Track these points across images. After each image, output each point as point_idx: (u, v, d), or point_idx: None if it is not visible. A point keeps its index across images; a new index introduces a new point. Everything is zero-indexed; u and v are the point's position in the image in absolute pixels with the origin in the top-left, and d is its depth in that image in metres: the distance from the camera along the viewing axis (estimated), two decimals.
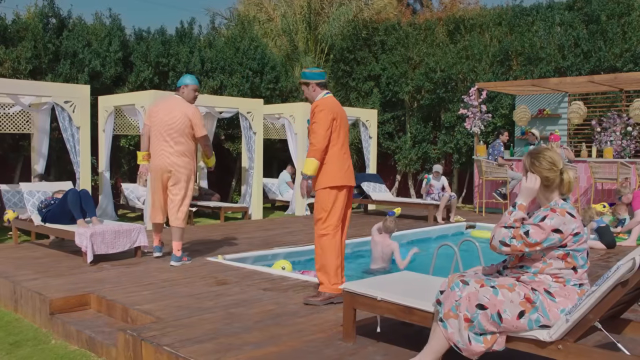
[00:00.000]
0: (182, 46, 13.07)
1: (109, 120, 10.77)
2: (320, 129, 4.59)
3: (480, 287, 2.92)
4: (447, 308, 2.96)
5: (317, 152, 4.56)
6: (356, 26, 16.46)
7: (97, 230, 6.12)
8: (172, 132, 6.10)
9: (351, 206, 4.93)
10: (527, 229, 2.89)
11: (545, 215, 2.88)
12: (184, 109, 6.16)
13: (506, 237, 2.93)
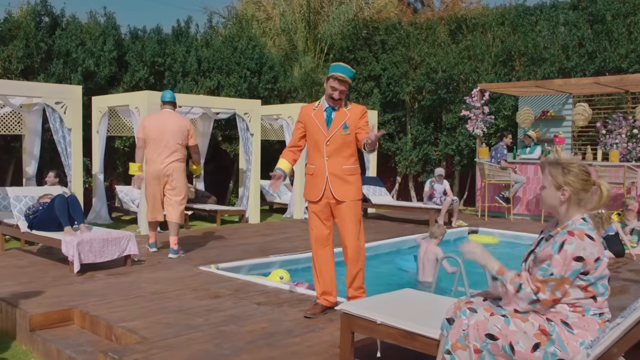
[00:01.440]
0: (179, 45, 12.81)
1: (103, 121, 10.52)
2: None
3: (490, 316, 2.65)
4: (455, 338, 2.69)
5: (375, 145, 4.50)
6: (356, 25, 16.18)
7: (84, 238, 5.86)
8: (170, 141, 6.86)
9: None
10: (547, 270, 2.57)
11: (563, 240, 2.60)
12: (180, 120, 7.03)
13: (529, 296, 2.60)
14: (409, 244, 8.85)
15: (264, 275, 6.56)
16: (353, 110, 4.56)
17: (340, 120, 4.53)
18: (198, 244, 7.96)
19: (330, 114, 4.57)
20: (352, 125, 4.51)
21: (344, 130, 4.49)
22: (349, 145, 4.54)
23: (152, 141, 6.86)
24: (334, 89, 4.46)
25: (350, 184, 4.55)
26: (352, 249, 4.54)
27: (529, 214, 11.60)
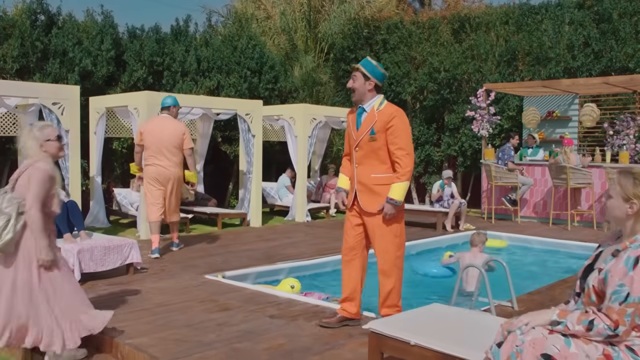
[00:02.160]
0: (178, 45, 12.53)
1: (100, 122, 10.25)
2: (411, 147, 4.08)
3: (549, 334, 2.41)
4: (506, 355, 2.44)
5: (411, 173, 4.11)
6: (357, 24, 15.94)
7: (84, 246, 5.59)
8: (169, 145, 7.14)
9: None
10: (622, 291, 2.32)
11: (637, 255, 2.36)
12: (176, 125, 7.32)
13: (604, 332, 2.34)
14: (416, 248, 8.62)
15: (272, 283, 6.33)
16: (382, 113, 4.14)
17: (369, 123, 4.15)
18: (201, 249, 7.70)
19: (360, 115, 4.25)
20: (380, 130, 4.11)
21: (370, 136, 4.12)
22: (378, 153, 4.14)
23: (150, 146, 7.21)
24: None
25: (378, 195, 4.15)
26: (381, 264, 4.25)
27: (536, 216, 11.38)
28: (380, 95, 4.25)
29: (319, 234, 9.23)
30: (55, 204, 3.84)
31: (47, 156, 3.88)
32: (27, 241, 3.73)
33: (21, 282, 3.70)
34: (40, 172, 3.74)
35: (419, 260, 7.84)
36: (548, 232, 9.82)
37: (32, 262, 3.72)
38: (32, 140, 3.88)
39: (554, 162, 10.40)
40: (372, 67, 4.18)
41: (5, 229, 3.65)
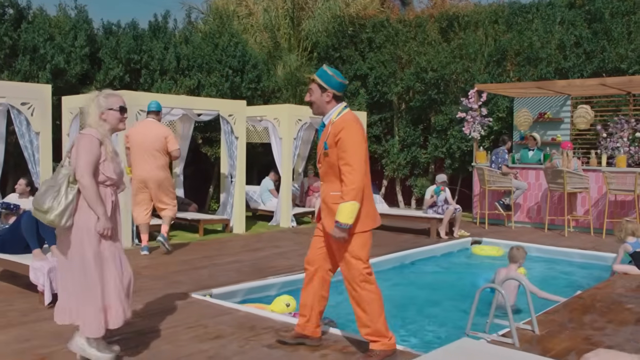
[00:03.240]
0: (156, 42, 11.92)
1: (74, 123, 9.60)
2: (359, 162, 3.66)
3: None
4: None
5: (359, 191, 3.66)
6: (342, 22, 15.47)
7: (56, 264, 5.01)
8: (151, 149, 7.41)
9: None
10: None
11: None
12: (159, 129, 7.61)
13: None
14: (411, 257, 8.19)
15: (263, 300, 5.83)
16: (335, 125, 3.76)
17: (324, 137, 3.83)
18: (184, 262, 7.15)
19: (321, 128, 3.93)
20: (331, 144, 3.74)
21: (324, 151, 3.78)
22: (334, 169, 3.76)
23: (133, 149, 7.53)
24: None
25: (334, 214, 3.75)
26: (346, 286, 3.90)
27: (529, 221, 11.04)
28: (339, 105, 3.86)
29: (308, 243, 8.69)
30: (111, 170, 3.70)
31: (104, 125, 3.73)
32: (83, 212, 3.61)
33: (81, 256, 3.62)
34: (85, 138, 3.62)
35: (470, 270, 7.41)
36: (545, 239, 9.47)
37: (92, 233, 3.60)
38: (95, 106, 3.75)
39: (550, 166, 10.05)
40: (328, 77, 3.81)
41: (56, 200, 3.53)
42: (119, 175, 3.79)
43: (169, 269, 6.66)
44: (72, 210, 3.62)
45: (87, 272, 3.61)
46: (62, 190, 3.58)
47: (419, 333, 5.18)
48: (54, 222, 3.59)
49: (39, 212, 3.63)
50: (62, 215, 3.57)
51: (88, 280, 3.60)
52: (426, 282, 7.21)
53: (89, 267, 3.60)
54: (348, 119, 3.75)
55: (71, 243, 3.64)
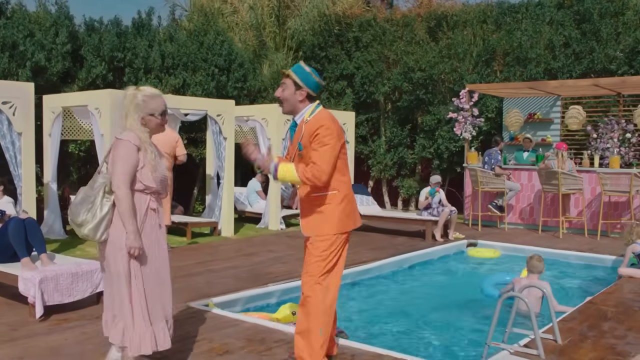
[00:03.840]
0: (140, 39, 11.55)
1: (56, 123, 9.24)
2: (327, 161, 3.44)
3: None
4: None
5: (314, 182, 3.46)
6: (328, 21, 15.25)
7: (48, 274, 4.71)
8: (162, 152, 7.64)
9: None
10: None
11: None
12: (169, 133, 7.86)
13: None
14: (409, 262, 7.99)
15: (264, 308, 5.60)
16: (309, 124, 3.50)
17: (297, 137, 3.59)
18: (178, 268, 6.85)
19: (293, 128, 3.69)
20: (306, 144, 3.51)
21: (299, 152, 3.57)
22: None
23: None
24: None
25: (316, 216, 3.58)
26: (303, 295, 3.60)
27: (522, 223, 10.94)
28: (312, 105, 3.60)
29: (302, 246, 8.48)
30: (149, 178, 3.43)
31: (144, 129, 3.46)
32: (119, 226, 3.37)
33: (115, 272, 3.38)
34: (121, 145, 3.35)
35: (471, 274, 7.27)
36: (540, 241, 9.37)
37: (124, 249, 3.35)
38: (134, 109, 3.45)
39: (544, 167, 9.96)
40: (305, 75, 3.53)
41: (90, 212, 3.31)
42: (161, 183, 3.52)
43: None
44: (107, 223, 3.37)
45: (119, 289, 3.38)
46: (97, 202, 3.34)
47: (428, 342, 4.98)
48: (88, 236, 3.37)
49: (74, 225, 3.41)
50: (96, 229, 3.34)
51: (120, 296, 3.39)
52: (428, 287, 7.02)
53: (120, 284, 3.38)
54: (324, 117, 3.50)
55: (106, 257, 3.43)
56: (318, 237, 3.54)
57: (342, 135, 3.57)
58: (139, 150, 3.40)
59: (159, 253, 3.50)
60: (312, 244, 3.57)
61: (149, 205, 3.46)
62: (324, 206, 3.54)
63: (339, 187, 3.57)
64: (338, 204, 3.56)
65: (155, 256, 3.46)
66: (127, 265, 3.35)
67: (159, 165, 3.50)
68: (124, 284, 3.35)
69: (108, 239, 3.38)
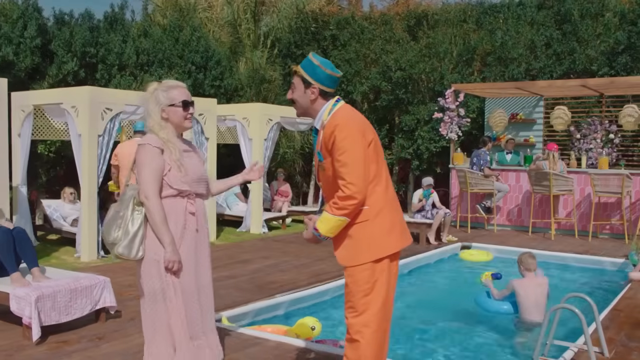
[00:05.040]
0: (113, 34, 10.96)
1: (26, 122, 8.62)
2: (353, 174, 2.77)
3: None
4: None
5: (354, 205, 2.78)
6: (304, 19, 14.89)
7: (45, 291, 4.21)
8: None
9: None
10: None
11: None
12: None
13: None
14: (408, 267, 7.71)
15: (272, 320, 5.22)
16: (326, 129, 2.90)
17: (317, 145, 3.00)
18: None
19: (315, 137, 3.06)
20: (325, 153, 2.92)
21: (319, 163, 2.99)
22: (334, 184, 2.88)
23: (124, 167, 7.35)
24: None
25: (346, 240, 2.91)
26: (349, 335, 2.94)
27: (510, 224, 10.82)
28: (329, 103, 2.98)
29: (296, 252, 8.12)
30: (177, 180, 3.05)
31: (166, 127, 3.08)
32: (153, 239, 3.01)
33: (149, 290, 3.05)
34: (142, 150, 3.02)
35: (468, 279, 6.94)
36: (532, 242, 9.23)
37: (160, 263, 3.00)
38: (154, 104, 3.10)
39: (534, 168, 9.85)
40: (314, 68, 2.94)
41: (121, 228, 2.97)
42: (196, 181, 3.12)
43: None
44: (142, 238, 2.99)
45: (153, 309, 3.01)
46: (127, 216, 2.98)
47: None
48: (123, 254, 2.98)
49: (108, 245, 3.04)
50: (130, 246, 2.96)
51: (152, 319, 3.01)
52: (431, 295, 6.75)
53: (154, 303, 3.00)
54: (339, 115, 2.88)
55: (140, 274, 3.05)
56: (356, 268, 2.88)
57: (366, 131, 2.88)
58: (163, 152, 3.01)
59: (200, 261, 3.12)
60: (350, 277, 2.91)
61: (187, 209, 3.07)
62: (354, 227, 2.87)
63: (370, 199, 2.85)
64: (372, 222, 2.87)
65: (196, 266, 3.08)
66: (163, 281, 2.97)
67: (191, 164, 3.11)
68: (160, 303, 2.96)
69: (148, 255, 2.99)
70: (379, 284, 2.88)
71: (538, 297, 5.30)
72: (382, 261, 2.89)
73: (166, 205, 2.99)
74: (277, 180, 12.62)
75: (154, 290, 2.98)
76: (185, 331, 2.99)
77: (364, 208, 2.86)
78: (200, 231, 3.13)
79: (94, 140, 7.97)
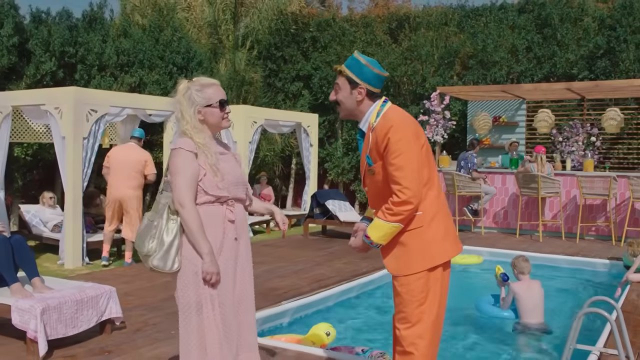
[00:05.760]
0: (93, 34, 10.63)
1: (4, 124, 8.27)
2: (409, 179, 2.64)
3: None
4: None
5: (409, 211, 2.66)
6: (285, 20, 14.74)
7: (50, 303, 3.96)
8: (130, 170, 7.62)
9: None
10: None
11: None
12: (140, 153, 7.86)
13: None
14: None
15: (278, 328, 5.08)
16: (376, 131, 2.74)
17: (365, 149, 2.84)
18: (168, 284, 6.16)
19: (360, 139, 2.92)
20: (375, 157, 2.77)
21: (368, 168, 2.83)
22: (385, 191, 2.74)
23: (114, 169, 7.62)
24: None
25: (399, 246, 2.77)
26: (402, 348, 2.82)
27: (496, 226, 10.86)
28: (376, 104, 2.83)
29: (289, 257, 7.96)
30: (213, 185, 2.82)
31: (203, 129, 2.88)
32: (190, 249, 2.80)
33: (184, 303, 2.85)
34: (175, 155, 2.81)
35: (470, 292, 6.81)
36: (521, 245, 9.25)
37: (198, 274, 2.79)
38: (187, 104, 2.87)
39: (522, 170, 9.89)
40: (361, 68, 2.79)
41: (156, 239, 2.77)
42: (234, 185, 2.89)
43: (158, 296, 5.67)
44: (177, 249, 2.79)
45: (187, 323, 2.81)
46: (161, 225, 2.77)
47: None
48: (158, 267, 2.77)
49: (142, 257, 2.84)
50: (165, 257, 2.76)
51: (187, 333, 2.82)
52: None
53: (188, 316, 2.81)
54: (392, 116, 2.72)
55: (176, 287, 2.85)
56: (410, 277, 2.75)
57: (420, 133, 2.76)
58: (197, 156, 2.81)
59: (240, 273, 2.93)
60: (403, 286, 2.76)
61: (226, 217, 2.86)
62: (407, 234, 2.74)
63: (423, 204, 2.72)
64: (426, 228, 2.74)
65: (235, 277, 2.90)
66: (200, 294, 2.78)
67: (227, 167, 2.90)
68: (196, 316, 2.78)
69: (185, 268, 2.79)
70: (432, 293, 2.76)
71: (536, 299, 5.30)
72: (437, 269, 2.77)
73: (203, 212, 2.79)
74: (260, 183, 12.44)
75: (190, 304, 2.79)
76: (221, 348, 2.81)
77: (417, 214, 2.72)
78: (240, 240, 2.94)
79: (79, 143, 7.70)
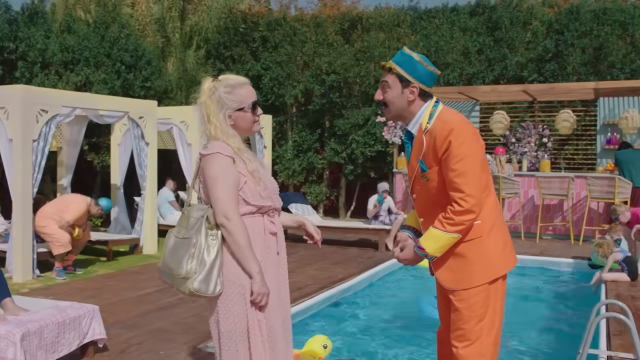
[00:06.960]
0: (34, 28, 9.92)
1: None
2: (472, 185, 2.46)
3: None
4: None
5: (471, 221, 2.48)
6: (233, 19, 14.33)
7: (30, 327, 3.51)
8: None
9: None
10: None
11: None
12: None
13: None
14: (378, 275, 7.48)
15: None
16: (431, 133, 2.54)
17: (417, 154, 2.63)
18: (140, 298, 5.73)
19: (409, 143, 2.71)
20: (430, 162, 2.56)
21: (422, 174, 2.61)
22: (439, 198, 2.57)
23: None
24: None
25: (455, 258, 2.58)
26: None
27: None
28: (428, 104, 2.62)
29: None
30: (255, 194, 2.51)
31: (235, 134, 2.55)
32: (233, 267, 2.46)
33: (226, 331, 2.49)
34: (212, 161, 2.46)
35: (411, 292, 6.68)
36: None
37: (246, 296, 2.45)
38: (216, 106, 2.55)
39: None
40: (413, 64, 2.58)
41: (196, 258, 2.40)
42: (275, 194, 2.60)
43: (131, 312, 5.24)
44: (219, 269, 2.43)
45: (235, 350, 2.47)
46: (200, 243, 2.41)
47: None
48: (199, 290, 2.41)
49: (175, 281, 2.45)
50: (207, 279, 2.40)
51: None
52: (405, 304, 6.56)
53: (236, 343, 2.47)
54: (452, 118, 2.51)
55: (217, 311, 2.48)
56: (470, 291, 2.55)
57: (479, 135, 2.57)
58: (235, 162, 2.51)
59: (283, 291, 2.64)
60: (462, 301, 2.56)
61: (267, 229, 2.55)
62: (464, 245, 2.53)
63: (482, 212, 2.53)
64: (486, 238, 2.54)
65: (280, 295, 2.60)
66: (248, 319, 2.46)
67: (264, 174, 2.61)
68: (243, 344, 2.45)
69: (228, 289, 2.46)
70: (492, 307, 2.57)
71: None
72: (497, 282, 2.59)
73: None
74: None
75: (235, 331, 2.46)
76: None
77: (475, 222, 2.52)
78: (281, 254, 2.66)
79: (28, 146, 7.11)
